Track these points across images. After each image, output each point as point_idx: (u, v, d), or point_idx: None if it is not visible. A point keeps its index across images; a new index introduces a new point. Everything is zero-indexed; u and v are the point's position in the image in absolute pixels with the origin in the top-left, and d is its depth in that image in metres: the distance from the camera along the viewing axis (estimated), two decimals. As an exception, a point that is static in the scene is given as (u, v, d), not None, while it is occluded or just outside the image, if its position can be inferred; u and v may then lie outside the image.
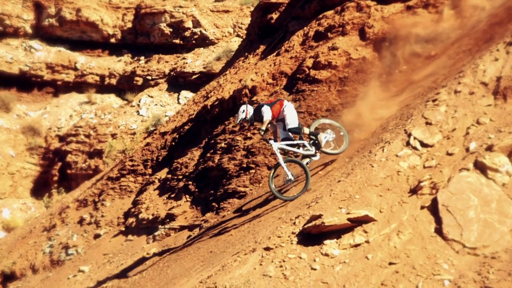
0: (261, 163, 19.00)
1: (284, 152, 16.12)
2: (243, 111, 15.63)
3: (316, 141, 15.69)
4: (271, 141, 15.55)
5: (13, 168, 48.50)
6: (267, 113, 15.38)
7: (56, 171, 48.31)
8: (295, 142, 15.67)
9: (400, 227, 10.72)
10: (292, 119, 15.64)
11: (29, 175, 49.27)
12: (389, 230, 10.77)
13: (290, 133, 15.76)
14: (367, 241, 10.79)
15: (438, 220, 10.50)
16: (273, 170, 15.62)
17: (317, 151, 15.72)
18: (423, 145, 12.19)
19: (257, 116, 15.70)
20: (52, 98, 53.69)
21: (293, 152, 16.40)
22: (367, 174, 12.33)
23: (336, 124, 16.24)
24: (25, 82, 52.81)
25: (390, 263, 10.17)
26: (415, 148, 12.22)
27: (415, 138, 12.37)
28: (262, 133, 15.37)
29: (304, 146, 15.80)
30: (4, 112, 51.25)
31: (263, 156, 19.29)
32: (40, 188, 48.17)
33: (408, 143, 12.39)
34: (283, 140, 15.81)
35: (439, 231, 10.34)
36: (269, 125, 15.66)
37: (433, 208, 10.72)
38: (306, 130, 15.84)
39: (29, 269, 25.27)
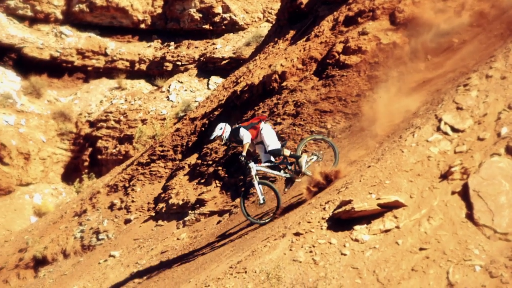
0: (290, 148, 18.98)
1: (264, 175, 16.10)
2: (221, 128, 15.45)
3: (297, 164, 15.62)
4: (251, 163, 15.50)
5: (44, 154, 48.86)
6: (246, 136, 15.21)
7: (86, 157, 48.63)
8: (276, 164, 15.63)
9: (430, 212, 10.67)
10: (270, 141, 15.42)
11: (60, 160, 49.61)
12: (419, 216, 10.73)
13: (271, 156, 15.69)
14: (397, 227, 10.76)
15: (469, 206, 10.44)
16: (242, 196, 15.71)
17: (299, 174, 15.64)
18: (454, 130, 12.10)
19: (233, 137, 15.56)
20: (83, 83, 53.96)
21: (274, 175, 16.35)
22: (397, 159, 12.28)
23: (328, 141, 16.16)
24: (55, 68, 53.11)
25: (421, 249, 10.14)
26: (445, 133, 12.13)
27: (445, 123, 12.28)
28: (243, 158, 15.32)
29: (286, 168, 15.74)
30: (35, 98, 51.60)
31: (292, 142, 19.26)
32: (70, 174, 48.48)
33: (438, 128, 12.31)
34: (264, 163, 15.76)
35: (470, 216, 10.28)
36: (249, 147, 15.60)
37: (464, 194, 10.65)
38: (287, 152, 15.64)
39: (60, 253, 25.42)
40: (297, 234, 12.18)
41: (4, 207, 45.06)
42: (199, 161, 23.31)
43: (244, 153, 15.22)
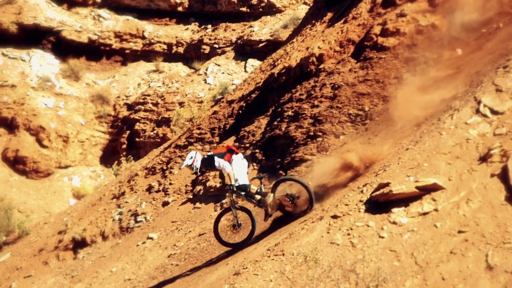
0: (328, 131, 18.92)
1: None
2: (191, 157, 15.28)
3: (261, 203, 15.51)
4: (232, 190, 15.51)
5: (83, 136, 49.28)
6: (227, 166, 15.08)
7: (124, 139, 48.93)
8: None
9: (469, 195, 10.61)
10: (239, 175, 15.30)
11: (98, 143, 50.01)
12: (458, 198, 10.68)
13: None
14: (435, 209, 10.72)
15: (509, 188, 10.36)
16: (216, 219, 15.89)
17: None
18: (493, 112, 11.99)
19: (206, 166, 15.40)
20: (121, 66, 54.24)
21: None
22: (435, 142, 12.21)
23: (303, 183, 15.49)
24: (94, 51, 53.46)
25: (459, 232, 10.10)
26: (485, 115, 12.04)
27: (485, 106, 12.17)
28: (231, 187, 15.34)
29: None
30: (73, 81, 52.00)
31: (330, 124, 19.21)
32: (109, 156, 48.85)
33: (478, 111, 12.21)
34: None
35: (509, 199, 10.20)
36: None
37: (504, 176, 10.58)
38: (254, 188, 15.52)
39: (99, 235, 25.62)
40: (334, 216, 12.18)
41: (43, 189, 45.58)
42: (237, 144, 23.33)
43: (233, 182, 15.15)
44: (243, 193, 15.39)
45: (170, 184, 25.01)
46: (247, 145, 22.51)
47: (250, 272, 12.54)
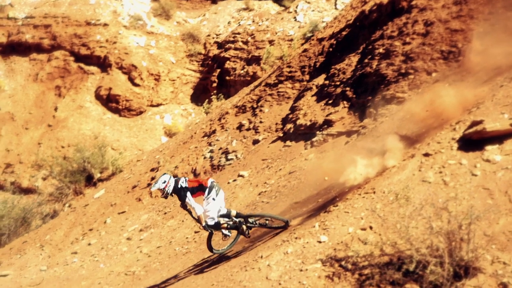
0: (420, 68, 18.63)
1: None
2: (164, 181, 14.61)
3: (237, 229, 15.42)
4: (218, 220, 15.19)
5: (174, 75, 49.83)
6: (198, 208, 14.65)
7: (215, 78, 49.25)
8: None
9: None
10: (210, 214, 14.92)
11: (189, 81, 50.49)
12: (554, 136, 10.48)
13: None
14: (530, 147, 10.55)
15: None
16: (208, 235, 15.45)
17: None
18: None
19: (177, 193, 14.96)
20: (211, 5, 54.43)
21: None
22: (532, 78, 11.95)
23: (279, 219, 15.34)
24: (184, -11, 53.77)
25: (555, 169, 9.93)
26: None
27: None
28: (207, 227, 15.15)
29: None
30: (164, 19, 52.47)
31: (422, 62, 18.91)
32: (199, 94, 49.32)
33: None
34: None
35: None
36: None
37: None
38: (223, 222, 15.23)
39: (190, 173, 25.96)
40: (426, 154, 12.10)
41: (136, 127, 46.46)
42: (327, 82, 23.21)
43: (203, 224, 14.90)
44: (213, 229, 15.36)
45: (261, 122, 25.10)
46: (338, 83, 22.36)
47: (341, 210, 12.60)
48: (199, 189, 14.85)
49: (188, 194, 14.66)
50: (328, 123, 21.14)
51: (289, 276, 11.31)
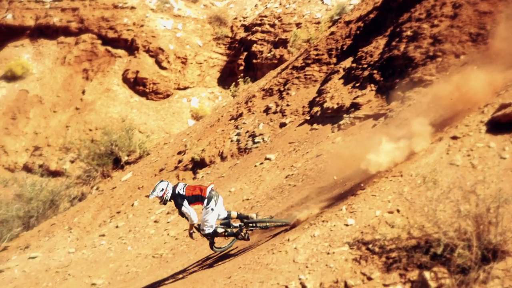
0: (448, 51, 18.50)
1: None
2: (162, 189, 14.60)
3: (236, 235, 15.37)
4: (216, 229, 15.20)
5: (201, 58, 49.89)
6: (194, 216, 14.62)
7: (241, 61, 49.22)
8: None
9: None
10: (207, 224, 14.85)
11: (216, 64, 50.53)
12: None
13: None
14: (560, 129, 10.47)
15: None
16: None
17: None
18: None
19: (174, 200, 14.76)
20: (238, -13, 54.35)
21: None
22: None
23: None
24: (210, -28, 53.72)
25: None
26: None
27: None
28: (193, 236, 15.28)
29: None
30: (191, 2, 52.49)
31: (450, 44, 18.77)
32: (226, 78, 49.35)
33: None
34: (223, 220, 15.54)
35: None
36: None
37: None
38: (221, 229, 15.21)
39: (217, 156, 26.02)
40: (454, 137, 12.05)
41: (163, 110, 46.61)
42: (354, 65, 23.12)
43: (201, 232, 15.03)
44: (211, 237, 15.36)
45: (287, 105, 25.07)
46: (365, 65, 22.27)
47: (368, 193, 12.60)
48: (197, 199, 14.81)
49: (185, 202, 14.66)
50: (355, 106, 21.07)
51: (316, 259, 11.34)
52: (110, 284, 19.02)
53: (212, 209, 14.75)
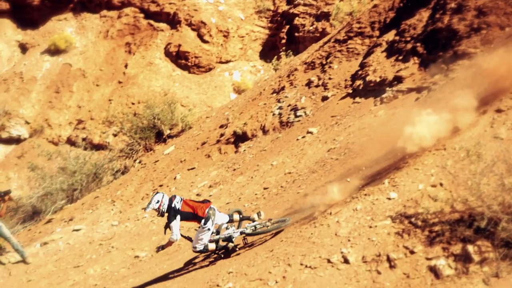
0: (493, 23, 18.27)
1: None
2: (157, 201, 14.55)
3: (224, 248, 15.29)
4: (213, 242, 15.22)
5: (243, 31, 49.75)
6: (176, 234, 14.63)
7: (283, 34, 48.93)
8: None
9: None
10: (203, 240, 14.82)
11: (258, 38, 50.35)
12: None
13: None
14: None
15: None
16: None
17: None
18: None
19: (169, 213, 14.68)
20: (280, -40, 54.01)
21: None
22: None
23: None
24: None
25: None
26: None
27: None
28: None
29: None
30: (233, -24, 52.35)
31: (495, 16, 18.53)
32: (268, 51, 49.16)
33: None
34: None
35: None
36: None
37: None
38: (212, 246, 15.09)
39: (259, 130, 26.00)
40: (498, 110, 11.95)
41: (205, 84, 46.67)
42: (397, 38, 22.93)
43: (192, 248, 15.12)
44: (200, 253, 15.39)
45: (330, 78, 24.97)
46: (408, 38, 22.08)
47: (411, 167, 12.56)
48: (194, 218, 14.90)
49: (178, 217, 14.70)
50: (398, 79, 20.93)
51: (358, 232, 11.36)
52: (153, 257, 19.23)
53: (209, 229, 14.83)
